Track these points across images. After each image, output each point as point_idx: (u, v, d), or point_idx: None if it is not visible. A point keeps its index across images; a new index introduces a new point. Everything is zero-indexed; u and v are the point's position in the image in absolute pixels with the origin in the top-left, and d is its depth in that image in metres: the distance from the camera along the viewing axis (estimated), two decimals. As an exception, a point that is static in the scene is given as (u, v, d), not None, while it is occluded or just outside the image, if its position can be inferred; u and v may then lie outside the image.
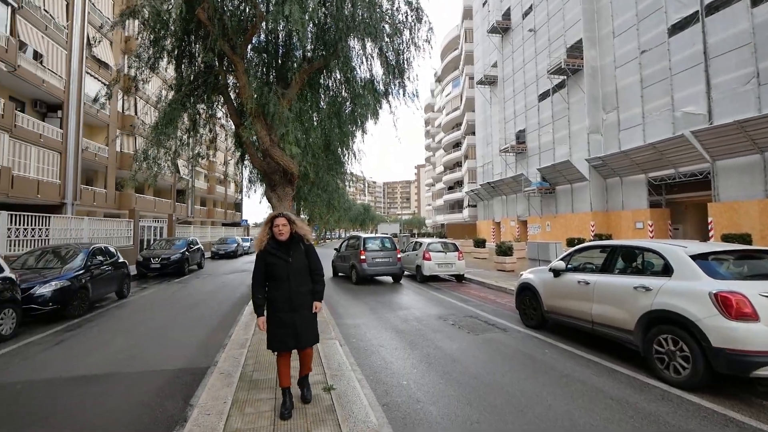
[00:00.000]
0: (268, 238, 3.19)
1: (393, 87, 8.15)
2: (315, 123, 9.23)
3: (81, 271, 8.18)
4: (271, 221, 3.21)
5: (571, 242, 19.49)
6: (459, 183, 53.35)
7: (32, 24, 18.40)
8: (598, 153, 22.93)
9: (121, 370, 4.72)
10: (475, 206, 43.72)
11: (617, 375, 4.33)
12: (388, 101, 8.35)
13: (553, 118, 26.87)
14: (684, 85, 18.24)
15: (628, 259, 5.10)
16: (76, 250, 8.78)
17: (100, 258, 9.20)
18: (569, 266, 5.78)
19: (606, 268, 5.13)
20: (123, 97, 25.42)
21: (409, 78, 8.17)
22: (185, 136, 8.42)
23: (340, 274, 13.91)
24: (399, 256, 12.30)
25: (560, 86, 25.94)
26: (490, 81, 36.62)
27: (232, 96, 8.50)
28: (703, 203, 19.07)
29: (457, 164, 54.07)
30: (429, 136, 77.10)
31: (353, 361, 4.71)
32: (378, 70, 8.87)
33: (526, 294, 6.55)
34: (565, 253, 6.02)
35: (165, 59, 7.31)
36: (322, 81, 9.25)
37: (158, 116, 7.39)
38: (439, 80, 63.44)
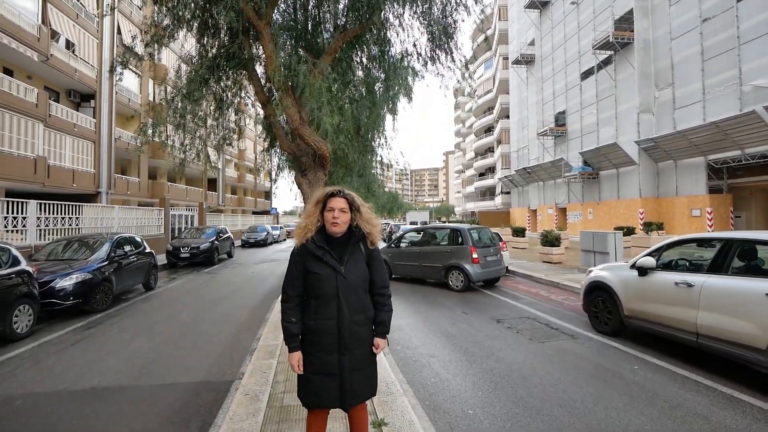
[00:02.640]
0: (317, 228, 2.09)
1: (439, 53, 7.18)
2: (347, 103, 8.41)
3: (104, 263, 7.79)
4: (324, 201, 2.09)
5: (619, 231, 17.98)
6: (491, 169, 51.45)
7: (63, 13, 18.38)
8: (650, 134, 21.00)
9: (135, 383, 4.13)
10: (508, 193, 41.99)
11: (747, 408, 3.33)
12: (435, 66, 7.39)
13: (598, 97, 24.88)
14: (755, 54, 16.12)
15: (749, 257, 4.02)
16: (100, 240, 8.42)
17: (125, 248, 8.83)
18: (659, 263, 4.74)
19: (717, 268, 4.06)
20: (153, 84, 25.47)
21: (456, 45, 7.18)
22: (209, 118, 7.79)
23: (395, 275, 10.44)
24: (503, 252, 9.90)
25: (606, 63, 23.89)
26: (526, 60, 34.55)
27: (259, 72, 7.79)
28: (773, 188, 17.08)
29: (489, 150, 52.09)
30: (459, 121, 74.82)
31: (402, 378, 3.93)
32: (419, 40, 7.93)
33: (599, 295, 5.54)
34: (653, 248, 4.96)
35: (184, 29, 6.65)
36: (354, 57, 8.39)
37: (177, 93, 6.77)
38: (470, 62, 60.98)
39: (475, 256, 8.73)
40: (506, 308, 7.19)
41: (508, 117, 42.09)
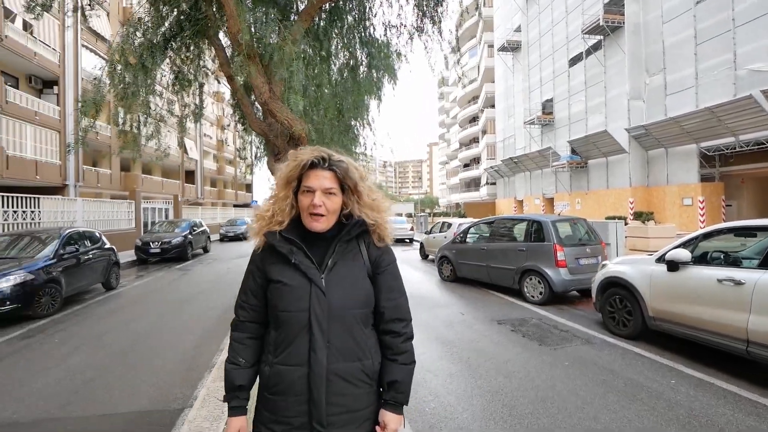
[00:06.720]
0: (289, 217, 1.27)
1: (426, 22, 6.39)
2: (326, 79, 7.54)
3: (51, 261, 6.78)
4: (298, 176, 1.24)
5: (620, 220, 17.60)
6: (476, 160, 50.94)
7: (16, -12, 16.81)
8: (640, 121, 20.57)
9: (58, 413, 3.26)
10: (494, 184, 41.54)
11: (824, 436, 2.68)
12: (422, 39, 6.59)
13: (586, 84, 24.37)
14: (750, 37, 15.68)
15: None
16: (48, 235, 7.39)
17: (79, 244, 7.80)
18: (695, 256, 4.06)
19: (771, 262, 3.40)
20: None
21: (446, 13, 6.38)
22: (168, 92, 6.80)
23: (459, 275, 8.76)
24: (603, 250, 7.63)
25: (595, 48, 23.34)
26: (512, 47, 33.83)
27: (225, 44, 6.83)
28: (765, 176, 16.87)
29: (474, 140, 51.51)
30: (443, 111, 74.05)
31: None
32: (404, 9, 7.11)
33: (617, 293, 4.87)
34: (685, 239, 4.28)
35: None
36: (334, 33, 7.51)
37: (121, 60, 5.74)
38: (453, 51, 60.11)
39: (560, 257, 6.58)
40: (506, 306, 6.49)
41: (493, 106, 41.50)
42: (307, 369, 1.15)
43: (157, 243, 13.20)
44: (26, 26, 17.84)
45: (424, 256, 13.73)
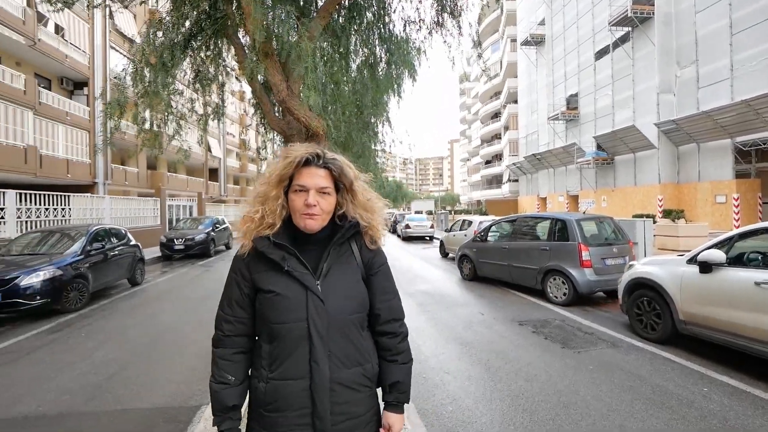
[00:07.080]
0: (281, 219, 1.18)
1: (445, 16, 6.22)
2: (344, 76, 7.49)
3: (78, 258, 7.03)
4: (289, 175, 1.17)
5: (649, 218, 16.97)
6: (498, 156, 50.14)
7: (49, -7, 17.44)
8: (670, 116, 19.74)
9: (81, 408, 3.35)
10: (516, 181, 40.78)
11: None
12: (441, 33, 6.42)
13: (613, 78, 23.55)
14: (791, 26, 14.85)
15: None
16: (76, 232, 7.66)
17: (105, 241, 8.06)
18: (729, 258, 3.83)
19: (816, 264, 3.16)
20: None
21: (464, 6, 6.20)
22: (188, 91, 6.91)
23: (480, 274, 8.61)
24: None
25: (623, 40, 22.51)
26: (536, 41, 33.04)
27: (245, 43, 6.88)
28: (806, 172, 15.92)
29: (496, 136, 50.69)
30: (464, 108, 73.17)
31: (412, 406, 3.10)
32: (423, 3, 6.94)
33: (645, 294, 4.65)
34: (719, 239, 4.04)
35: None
36: (353, 31, 7.45)
37: (142, 60, 5.86)
38: (475, 46, 59.24)
39: (585, 257, 6.31)
40: (528, 307, 6.32)
41: (515, 102, 40.70)
42: (309, 381, 1.11)
43: (181, 240, 13.53)
44: (58, 29, 18.54)
45: (444, 254, 13.59)
